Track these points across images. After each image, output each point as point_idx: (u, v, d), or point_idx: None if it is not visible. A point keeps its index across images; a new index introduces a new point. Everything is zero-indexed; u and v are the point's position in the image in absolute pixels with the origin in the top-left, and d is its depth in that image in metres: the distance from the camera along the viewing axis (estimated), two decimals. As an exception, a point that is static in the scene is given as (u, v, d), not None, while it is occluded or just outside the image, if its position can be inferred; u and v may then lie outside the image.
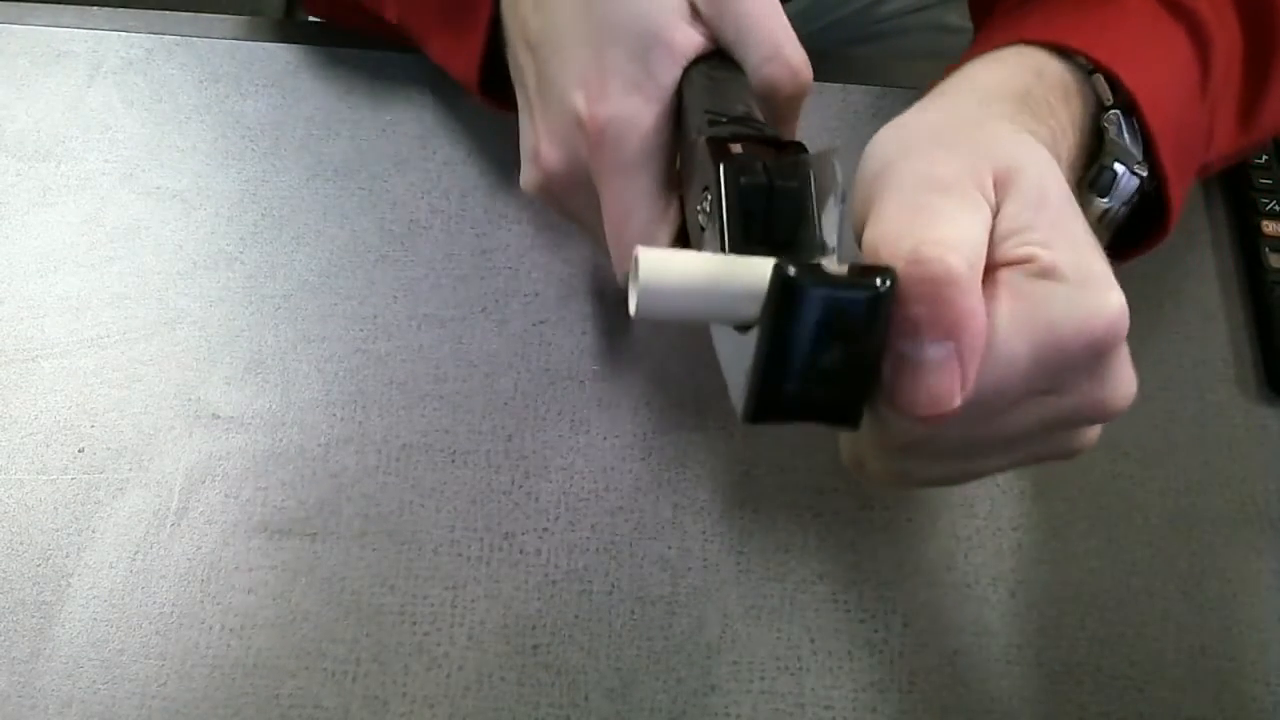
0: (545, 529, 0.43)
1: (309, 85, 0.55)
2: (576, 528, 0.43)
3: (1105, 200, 0.37)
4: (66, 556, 0.42)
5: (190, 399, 0.45)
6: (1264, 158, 0.53)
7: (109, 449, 0.44)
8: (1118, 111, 0.38)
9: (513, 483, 0.44)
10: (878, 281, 0.26)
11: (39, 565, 0.41)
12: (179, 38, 0.57)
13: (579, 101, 0.36)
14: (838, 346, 0.26)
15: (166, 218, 0.50)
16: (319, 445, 0.44)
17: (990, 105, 0.34)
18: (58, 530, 0.42)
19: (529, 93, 0.40)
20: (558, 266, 0.50)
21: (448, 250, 0.50)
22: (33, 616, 0.40)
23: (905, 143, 0.31)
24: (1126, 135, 0.37)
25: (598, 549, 0.42)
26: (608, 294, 0.49)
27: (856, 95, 0.50)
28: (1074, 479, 0.45)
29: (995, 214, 0.29)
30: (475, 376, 0.46)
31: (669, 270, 0.27)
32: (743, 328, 0.28)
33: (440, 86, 0.54)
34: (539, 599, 0.41)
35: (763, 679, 0.40)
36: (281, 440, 0.45)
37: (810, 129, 0.54)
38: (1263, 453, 0.45)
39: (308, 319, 0.48)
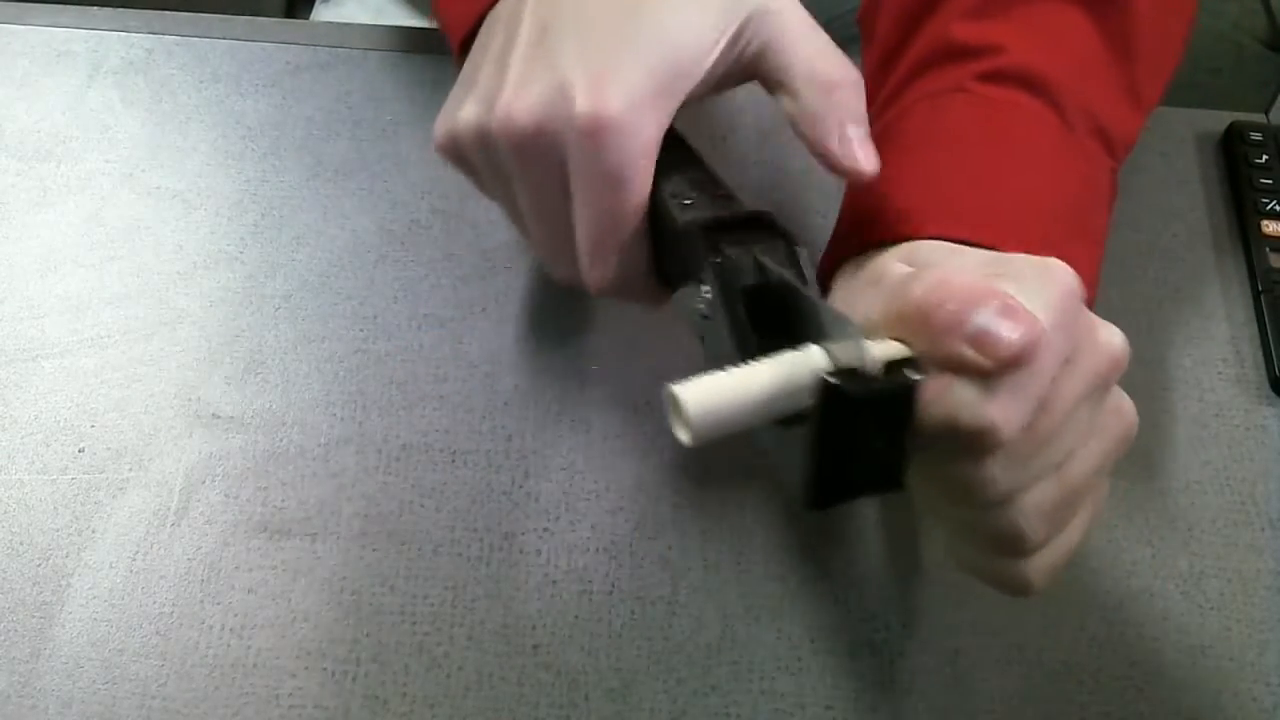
0: (545, 529, 0.43)
1: (309, 85, 0.55)
2: (576, 528, 0.43)
3: None
4: (66, 556, 0.42)
5: (190, 399, 0.45)
6: (1264, 158, 0.53)
7: (109, 449, 0.44)
8: None
9: (513, 483, 0.44)
10: (909, 375, 0.29)
11: (39, 565, 0.41)
12: (179, 38, 0.57)
13: (580, 81, 0.34)
14: (881, 434, 0.29)
15: (166, 218, 0.51)
16: (319, 445, 0.44)
17: None
18: (58, 530, 0.42)
19: (516, 38, 0.36)
20: (558, 266, 0.50)
21: (448, 250, 0.50)
22: (33, 616, 0.40)
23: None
24: None
25: (598, 549, 0.42)
26: (608, 294, 0.49)
27: (856, 95, 0.50)
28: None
29: None
30: (475, 376, 0.46)
31: (710, 399, 0.29)
32: (785, 421, 0.30)
33: (440, 87, 0.54)
34: (539, 599, 0.41)
35: (763, 679, 0.40)
36: (281, 440, 0.45)
37: (810, 129, 0.54)
38: (1263, 453, 0.45)
39: (308, 319, 0.48)
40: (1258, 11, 0.97)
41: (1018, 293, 0.30)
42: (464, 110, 0.37)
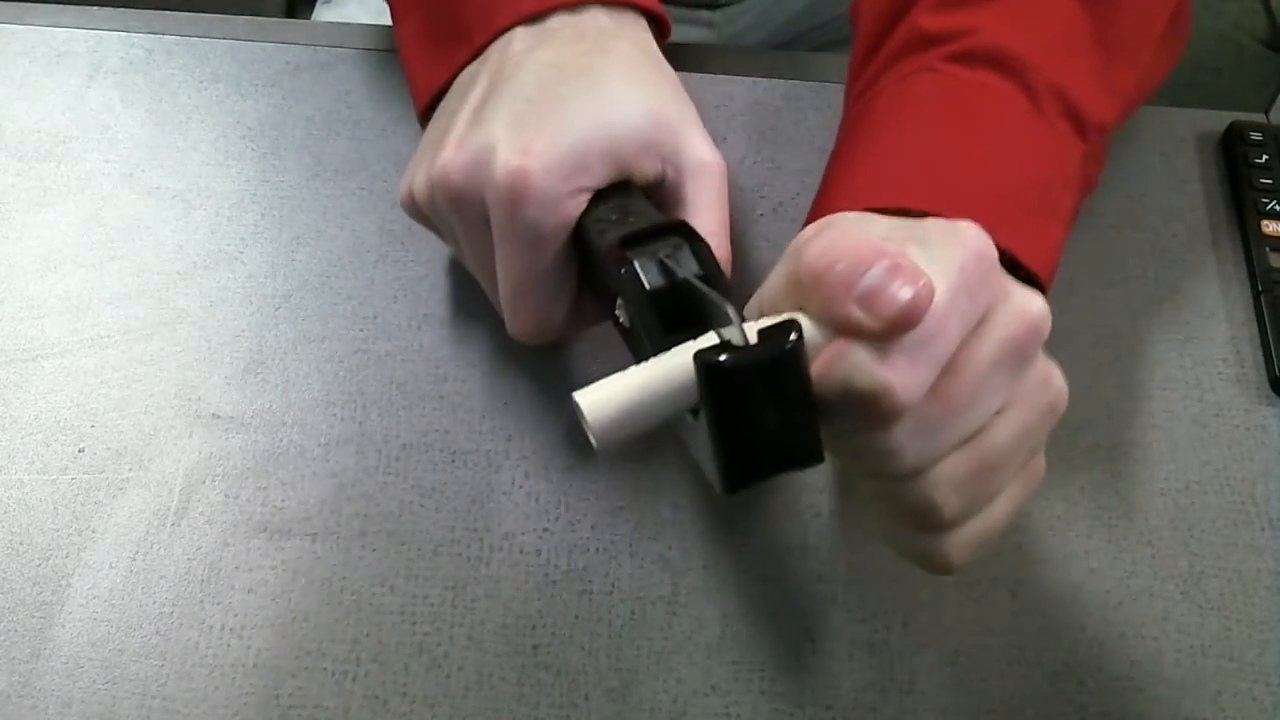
0: (545, 529, 0.43)
1: (309, 85, 0.55)
2: (576, 528, 0.43)
3: None
4: (66, 556, 0.42)
5: (190, 399, 0.45)
6: (1264, 158, 0.53)
7: (109, 449, 0.44)
8: None
9: (513, 483, 0.44)
10: (788, 337, 0.29)
11: (39, 565, 0.41)
12: (179, 38, 0.57)
13: (504, 145, 0.37)
14: (774, 403, 0.29)
15: (166, 218, 0.51)
16: (319, 445, 0.44)
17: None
18: (58, 530, 0.42)
19: (466, 104, 0.40)
20: (558, 266, 0.50)
21: (448, 250, 0.50)
22: (33, 616, 0.40)
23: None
24: None
25: (598, 549, 0.42)
26: (608, 294, 0.49)
27: (856, 95, 0.50)
28: (1074, 479, 0.45)
29: None
30: (475, 376, 0.46)
31: (609, 402, 0.29)
32: (694, 412, 0.30)
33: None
34: (539, 599, 0.41)
35: (763, 679, 0.40)
36: (281, 440, 0.45)
37: (811, 128, 0.54)
38: (1263, 453, 0.45)
39: (308, 319, 0.48)
40: (1258, 11, 0.97)
41: (921, 255, 0.30)
42: (420, 170, 0.41)
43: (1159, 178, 0.54)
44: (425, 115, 0.44)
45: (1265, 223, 0.51)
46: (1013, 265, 0.38)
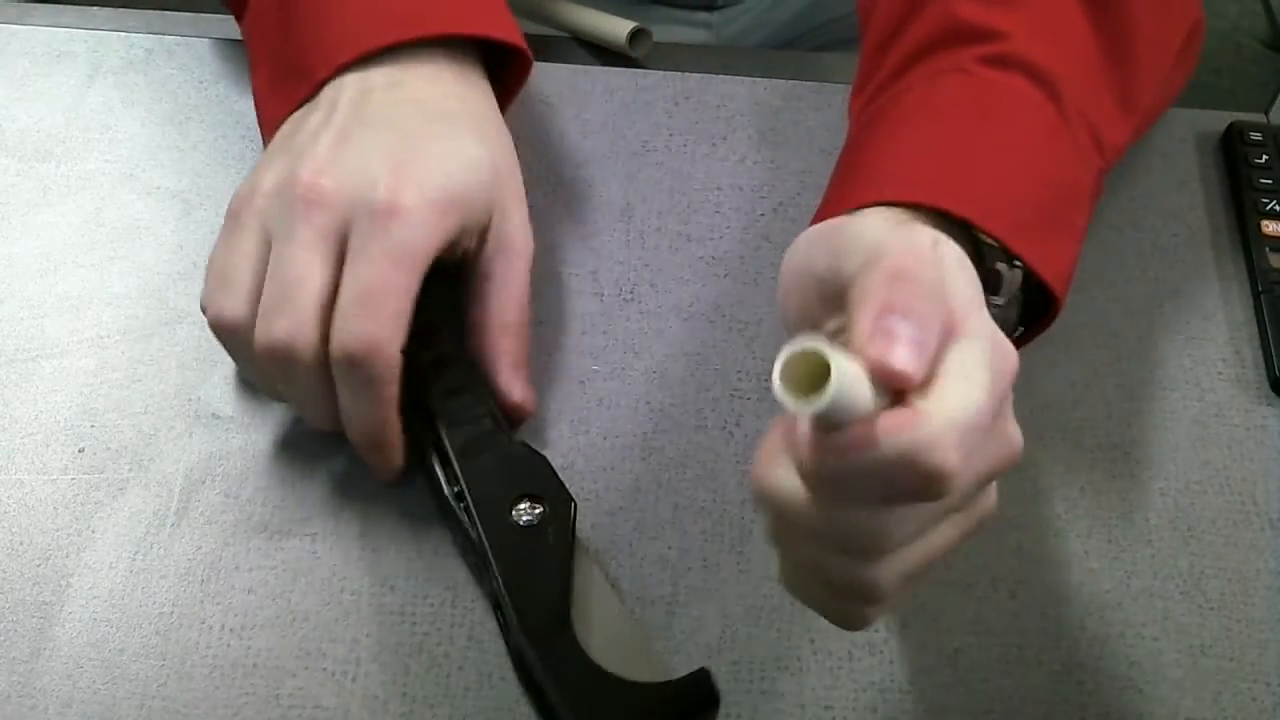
0: (545, 529, 0.43)
1: (309, 85, 0.55)
2: (578, 527, 0.43)
3: (998, 298, 0.38)
4: (66, 556, 0.42)
5: (190, 399, 0.45)
6: (1264, 158, 0.53)
7: (109, 449, 0.44)
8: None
9: (513, 483, 0.44)
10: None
11: (39, 565, 0.41)
12: (179, 38, 0.57)
13: (384, 166, 0.39)
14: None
15: (166, 218, 0.51)
16: (319, 445, 0.44)
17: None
18: (58, 530, 0.42)
19: (329, 129, 0.41)
20: (558, 266, 0.50)
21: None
22: (33, 616, 0.40)
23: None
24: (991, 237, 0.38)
25: (598, 549, 0.42)
26: (607, 294, 0.49)
27: (856, 95, 0.50)
28: (1074, 479, 0.45)
29: None
30: (475, 376, 0.46)
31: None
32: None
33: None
34: (539, 599, 0.41)
35: (763, 679, 0.40)
36: (281, 440, 0.44)
37: (811, 129, 0.54)
38: (1263, 453, 0.45)
39: (308, 319, 0.48)
40: (1258, 12, 0.97)
41: (977, 350, 0.30)
42: (268, 174, 0.41)
43: (1159, 178, 0.54)
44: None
45: (1265, 223, 0.51)
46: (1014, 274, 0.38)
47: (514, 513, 0.40)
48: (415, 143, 0.41)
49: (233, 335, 0.41)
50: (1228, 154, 0.54)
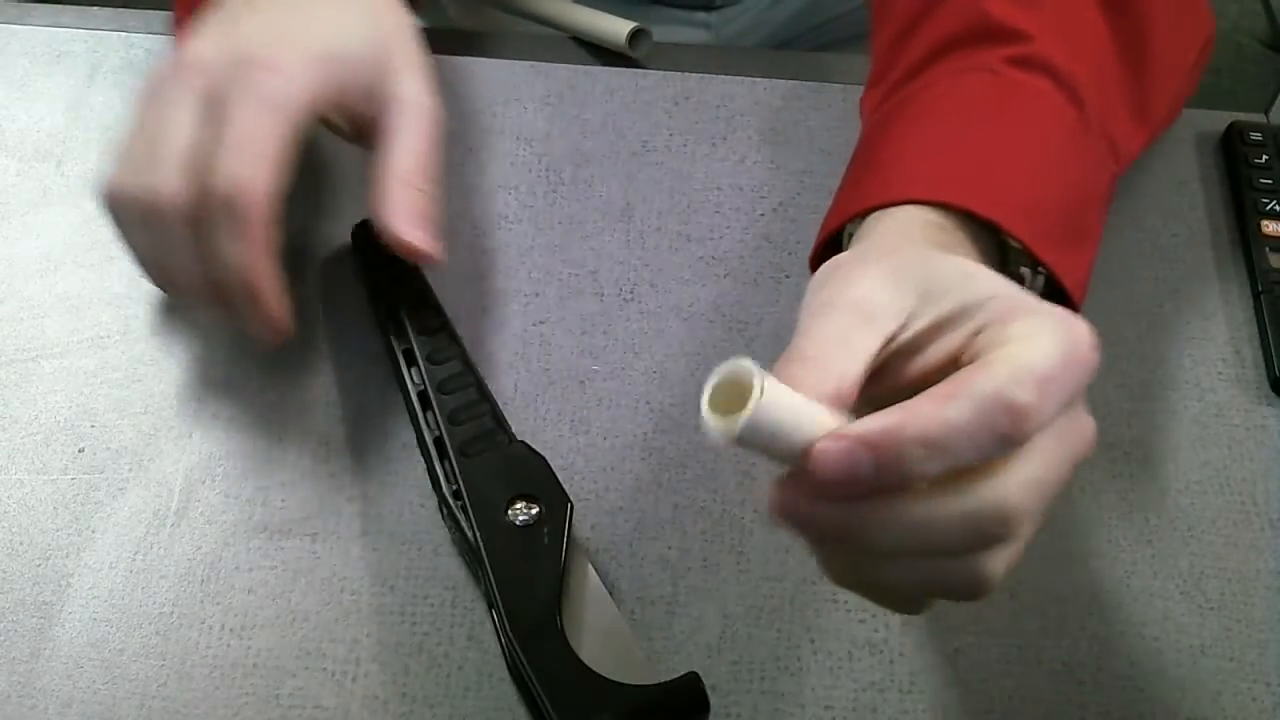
0: (545, 529, 0.43)
1: (309, 85, 0.55)
2: (577, 527, 0.43)
3: None
4: (66, 556, 0.42)
5: (190, 399, 0.45)
6: (1264, 158, 0.53)
7: (109, 449, 0.44)
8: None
9: (513, 483, 0.44)
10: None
11: (39, 565, 0.41)
12: (179, 38, 0.57)
13: (264, 40, 0.41)
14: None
15: (166, 218, 0.50)
16: (319, 445, 0.44)
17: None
18: (58, 530, 0.42)
19: (225, 16, 0.42)
20: (558, 266, 0.50)
21: (448, 250, 0.49)
22: (33, 616, 0.40)
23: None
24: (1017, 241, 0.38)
25: (598, 549, 0.42)
26: (607, 294, 0.49)
27: (856, 95, 0.50)
28: (1074, 479, 0.44)
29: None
30: (475, 376, 0.46)
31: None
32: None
33: (440, 86, 0.54)
34: (539, 599, 0.41)
35: (763, 679, 0.40)
36: (281, 440, 0.44)
37: (811, 129, 0.54)
38: (1263, 453, 0.45)
39: (308, 319, 0.48)
40: (1258, 12, 0.97)
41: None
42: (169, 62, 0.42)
43: (1159, 178, 0.54)
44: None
45: (1265, 223, 0.51)
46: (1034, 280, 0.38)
47: (510, 512, 0.40)
48: (298, 17, 0.42)
49: (120, 205, 0.41)
50: (1228, 154, 0.54)
